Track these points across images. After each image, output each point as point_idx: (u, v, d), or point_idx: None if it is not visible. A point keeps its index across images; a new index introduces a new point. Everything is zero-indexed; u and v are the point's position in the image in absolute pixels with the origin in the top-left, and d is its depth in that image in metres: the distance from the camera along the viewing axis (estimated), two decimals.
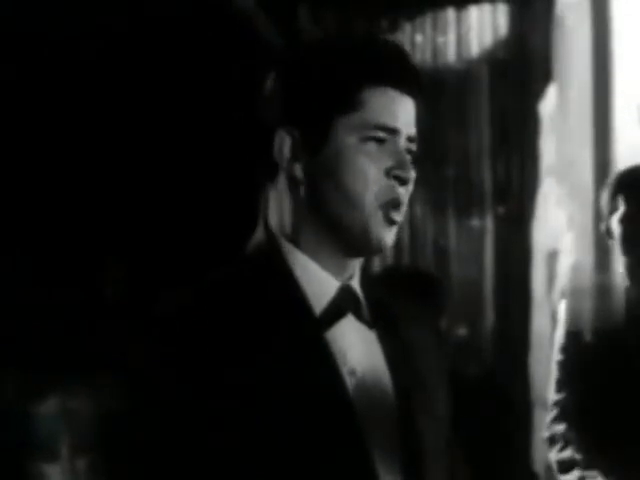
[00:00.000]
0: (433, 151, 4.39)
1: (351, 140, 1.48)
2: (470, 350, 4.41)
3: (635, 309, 2.74)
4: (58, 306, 4.20)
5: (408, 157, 1.50)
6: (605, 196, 2.79)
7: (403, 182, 1.49)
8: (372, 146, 1.48)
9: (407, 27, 4.43)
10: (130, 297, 4.24)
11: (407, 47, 4.43)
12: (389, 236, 1.50)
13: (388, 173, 1.48)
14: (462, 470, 1.65)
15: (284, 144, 1.50)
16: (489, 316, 4.40)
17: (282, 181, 1.52)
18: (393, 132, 1.49)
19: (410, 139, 1.52)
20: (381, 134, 1.48)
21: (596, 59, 4.11)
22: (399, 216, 1.50)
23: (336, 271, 1.52)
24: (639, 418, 2.64)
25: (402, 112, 1.50)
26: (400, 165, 1.48)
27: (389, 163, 1.48)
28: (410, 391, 1.51)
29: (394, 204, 1.49)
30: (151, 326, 1.46)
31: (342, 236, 1.50)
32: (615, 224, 2.76)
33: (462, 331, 4.43)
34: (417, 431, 1.49)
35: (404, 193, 1.49)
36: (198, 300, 1.46)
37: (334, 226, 1.50)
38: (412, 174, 1.49)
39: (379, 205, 1.48)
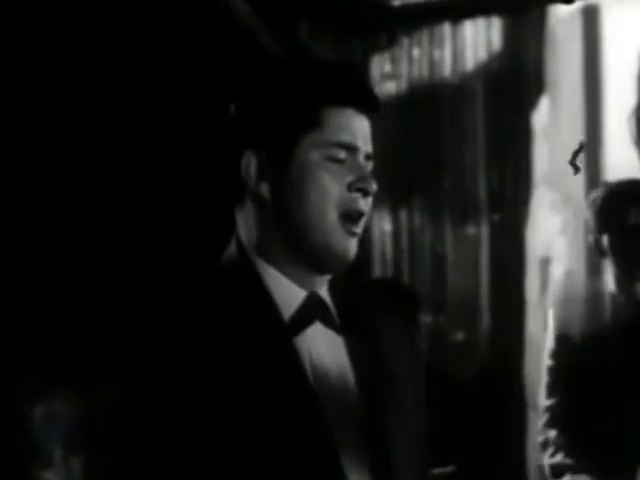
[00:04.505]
0: (430, 162, 4.45)
1: (314, 157, 1.53)
2: (466, 354, 4.45)
3: (621, 315, 2.79)
4: (53, 307, 4.21)
5: (369, 171, 1.55)
6: (594, 210, 2.83)
7: (365, 194, 1.54)
8: (333, 165, 1.53)
9: (405, 42, 4.47)
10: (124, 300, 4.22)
11: (405, 61, 4.50)
12: (351, 248, 1.54)
13: (350, 187, 1.53)
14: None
15: (250, 165, 1.55)
16: (485, 321, 4.43)
17: (249, 199, 1.57)
18: (352, 149, 1.54)
19: (367, 157, 1.57)
20: (341, 154, 1.53)
21: (587, 71, 4.16)
22: (359, 228, 1.55)
23: (304, 283, 1.57)
24: (627, 422, 2.70)
25: (360, 130, 1.56)
26: (361, 178, 1.54)
27: (350, 178, 1.53)
28: (377, 392, 1.56)
29: (355, 215, 1.53)
30: (132, 329, 1.52)
31: (307, 253, 1.54)
32: (607, 238, 2.80)
33: (459, 336, 4.47)
34: (385, 432, 1.54)
35: (365, 204, 1.54)
36: (172, 309, 1.52)
37: (299, 244, 1.54)
38: (374, 186, 1.54)
39: (339, 216, 1.53)
